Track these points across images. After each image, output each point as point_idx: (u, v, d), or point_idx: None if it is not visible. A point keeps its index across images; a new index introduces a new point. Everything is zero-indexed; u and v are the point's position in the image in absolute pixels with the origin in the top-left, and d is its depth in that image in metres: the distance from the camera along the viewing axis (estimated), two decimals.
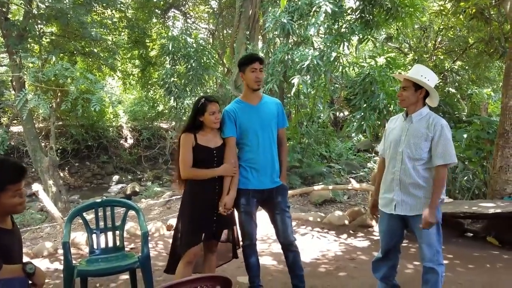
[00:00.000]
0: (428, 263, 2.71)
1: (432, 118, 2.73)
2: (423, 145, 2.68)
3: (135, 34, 13.33)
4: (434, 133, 2.66)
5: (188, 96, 9.61)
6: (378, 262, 3.01)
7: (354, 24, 7.59)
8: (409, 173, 2.71)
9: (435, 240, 2.71)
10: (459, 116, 11.28)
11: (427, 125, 2.70)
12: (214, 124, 2.88)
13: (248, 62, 2.95)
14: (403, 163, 2.73)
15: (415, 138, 2.71)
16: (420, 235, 2.72)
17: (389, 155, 2.85)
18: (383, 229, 2.93)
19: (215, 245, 3.02)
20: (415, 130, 2.73)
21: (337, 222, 5.83)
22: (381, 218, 2.95)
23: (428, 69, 2.83)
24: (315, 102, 10.35)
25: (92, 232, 3.25)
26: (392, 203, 2.79)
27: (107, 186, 13.27)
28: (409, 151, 2.71)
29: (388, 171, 2.86)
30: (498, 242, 4.91)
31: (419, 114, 2.75)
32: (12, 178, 1.98)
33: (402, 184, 2.74)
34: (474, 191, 6.50)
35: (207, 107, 2.85)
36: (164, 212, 7.69)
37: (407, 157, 2.72)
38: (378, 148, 3.26)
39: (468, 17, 8.53)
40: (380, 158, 3.11)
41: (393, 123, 2.95)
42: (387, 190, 2.84)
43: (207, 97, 2.94)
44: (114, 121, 16.02)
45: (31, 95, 7.71)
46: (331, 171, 10.75)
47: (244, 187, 2.98)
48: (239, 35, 10.17)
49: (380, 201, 2.92)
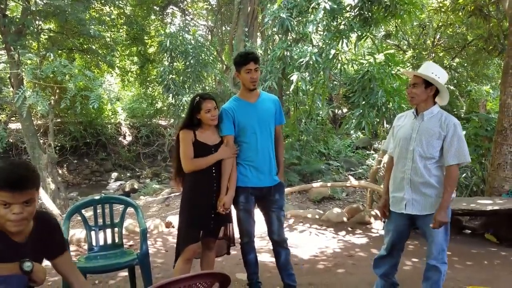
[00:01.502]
0: (432, 261, 2.69)
1: (444, 116, 2.69)
2: (435, 144, 2.64)
3: (133, 31, 13.30)
4: (447, 132, 2.63)
5: (186, 93, 9.60)
6: (381, 259, 2.98)
7: (353, 21, 7.57)
8: (420, 172, 2.67)
9: (443, 239, 2.68)
10: (457, 113, 11.29)
11: (440, 124, 2.65)
12: (211, 122, 2.88)
13: (242, 63, 2.92)
14: (414, 162, 2.69)
15: (427, 136, 2.66)
16: (429, 233, 2.69)
17: (397, 153, 2.80)
18: (391, 228, 2.88)
19: (212, 242, 3.02)
20: (427, 128, 2.68)
21: (335, 219, 5.85)
22: (390, 217, 2.90)
23: (439, 66, 2.80)
24: (313, 99, 10.35)
25: (90, 229, 3.25)
26: (402, 202, 2.75)
27: (105, 183, 13.27)
28: (420, 149, 2.67)
29: (397, 169, 2.81)
30: (496, 239, 4.94)
31: (430, 112, 2.70)
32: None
33: (413, 183, 2.70)
34: (472, 188, 6.52)
35: (202, 105, 2.84)
36: (163, 209, 7.70)
37: (418, 156, 2.67)
38: (383, 146, 3.17)
39: (467, 14, 8.54)
40: (388, 157, 3.04)
41: (401, 121, 2.88)
42: (397, 189, 2.80)
43: (202, 95, 2.92)
44: (113, 118, 16.01)
45: (29, 92, 7.69)
46: (330, 168, 10.77)
47: (243, 185, 2.98)
48: (238, 32, 10.16)
49: (390, 200, 2.87)
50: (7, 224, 1.69)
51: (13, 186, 1.64)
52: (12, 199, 1.66)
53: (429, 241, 2.72)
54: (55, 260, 2.03)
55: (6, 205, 1.66)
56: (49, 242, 1.97)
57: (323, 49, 7.70)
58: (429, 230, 2.66)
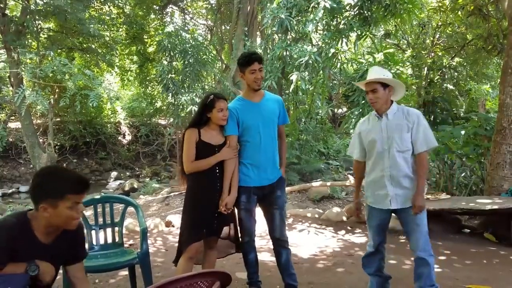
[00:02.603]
0: (420, 253, 2.78)
1: (406, 109, 2.91)
2: (406, 136, 2.82)
3: (133, 30, 13.30)
4: (413, 123, 2.81)
5: (185, 92, 9.57)
6: (370, 257, 3.06)
7: (352, 21, 7.58)
8: (399, 166, 2.81)
9: (426, 230, 2.82)
10: (456, 112, 11.30)
11: (404, 117, 2.85)
12: (221, 121, 2.91)
13: (247, 63, 2.94)
14: (392, 159, 2.82)
15: (398, 131, 2.82)
16: (412, 225, 2.82)
17: (372, 155, 2.92)
18: (374, 224, 2.98)
19: (215, 242, 3.03)
20: (395, 124, 2.84)
21: (335, 218, 5.86)
22: (370, 215, 3.01)
23: (381, 68, 3.01)
24: (313, 98, 10.34)
25: (91, 228, 3.26)
26: (386, 198, 2.85)
27: (105, 183, 13.25)
28: (396, 145, 2.81)
29: (374, 170, 2.92)
30: (495, 238, 4.95)
31: (392, 110, 2.88)
32: (75, 188, 1.85)
33: (393, 179, 2.83)
34: (472, 187, 6.52)
35: (216, 104, 2.86)
36: (163, 209, 7.70)
37: (396, 152, 2.81)
38: (348, 151, 3.24)
39: (466, 14, 8.54)
40: (355, 161, 3.13)
41: (365, 126, 3.02)
42: (378, 188, 2.90)
43: (216, 94, 2.96)
44: (112, 117, 15.99)
45: (29, 92, 7.69)
46: (329, 168, 10.76)
47: (245, 185, 2.99)
48: (237, 31, 10.16)
49: (371, 199, 2.97)
50: (72, 223, 1.90)
51: (86, 189, 1.90)
52: (81, 199, 1.90)
53: (413, 233, 2.83)
54: (71, 266, 2.05)
55: (73, 207, 1.86)
56: (72, 248, 2.03)
57: (322, 48, 7.71)
58: (412, 222, 2.81)
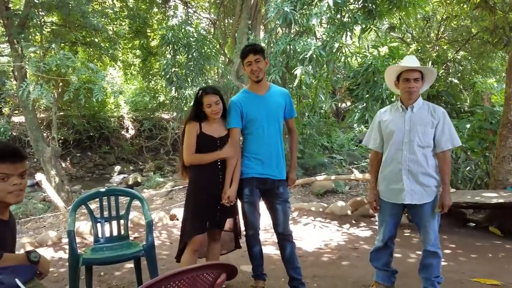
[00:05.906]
0: (432, 247, 2.78)
1: (431, 105, 2.84)
2: (430, 132, 2.75)
3: (136, 24, 13.25)
4: (438, 119, 2.75)
5: (189, 86, 9.56)
6: (379, 251, 3.03)
7: (357, 14, 7.51)
8: (419, 161, 2.75)
9: (437, 225, 2.82)
10: (461, 106, 11.24)
11: (430, 113, 2.78)
12: (213, 115, 2.88)
13: (242, 56, 2.93)
14: (412, 153, 2.76)
15: (421, 126, 2.75)
16: (425, 221, 2.79)
17: (391, 146, 2.84)
18: (387, 218, 2.94)
19: (218, 234, 3.04)
20: (419, 118, 2.77)
21: (339, 212, 5.85)
22: (383, 209, 2.96)
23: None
24: (317, 92, 10.30)
25: (96, 221, 3.26)
26: (401, 193, 2.80)
27: (109, 177, 13.31)
28: (418, 139, 2.75)
29: (392, 162, 2.85)
30: (500, 232, 4.94)
31: (418, 103, 2.82)
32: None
33: (411, 174, 2.77)
34: (477, 181, 6.50)
35: (204, 99, 2.85)
36: (167, 202, 7.72)
37: (416, 146, 2.75)
38: (364, 141, 3.17)
39: (472, 6, 8.46)
40: (372, 152, 3.07)
41: (386, 115, 2.95)
42: (393, 181, 2.84)
43: (204, 89, 2.92)
44: (116, 111, 16.02)
45: (33, 86, 7.69)
46: (333, 162, 10.74)
47: (247, 176, 2.97)
48: (241, 25, 10.11)
49: (385, 193, 2.91)
50: (8, 196, 1.79)
51: (13, 158, 1.76)
52: (12, 170, 1.77)
53: (425, 229, 2.81)
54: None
55: (4, 179, 1.76)
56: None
57: (326, 42, 7.65)
58: (425, 218, 2.78)
